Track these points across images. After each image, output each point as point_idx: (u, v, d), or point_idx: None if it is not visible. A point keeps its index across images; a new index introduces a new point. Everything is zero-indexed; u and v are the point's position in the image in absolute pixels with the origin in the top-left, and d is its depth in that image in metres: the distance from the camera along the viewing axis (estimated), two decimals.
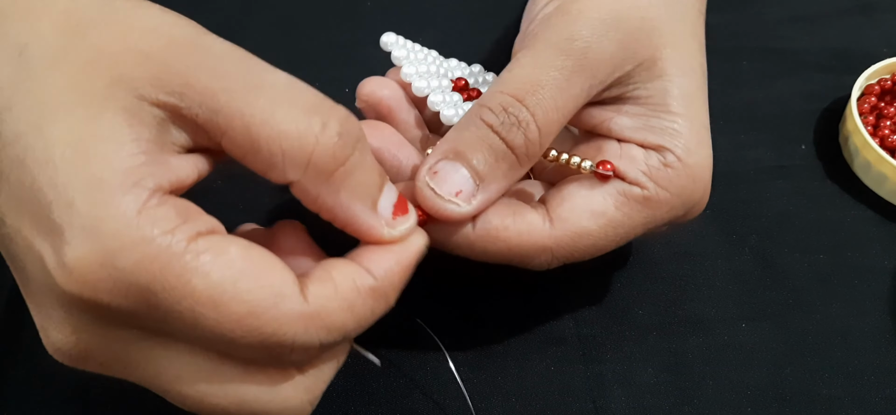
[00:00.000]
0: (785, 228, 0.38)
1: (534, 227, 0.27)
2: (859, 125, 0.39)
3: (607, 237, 0.28)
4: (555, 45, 0.27)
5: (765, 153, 0.41)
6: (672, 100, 0.28)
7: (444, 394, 0.32)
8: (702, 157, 0.28)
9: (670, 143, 0.27)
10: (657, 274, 0.36)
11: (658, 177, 0.27)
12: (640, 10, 0.28)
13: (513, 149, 0.26)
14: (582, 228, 0.27)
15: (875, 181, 0.39)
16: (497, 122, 0.26)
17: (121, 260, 0.19)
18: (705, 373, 0.33)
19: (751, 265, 0.36)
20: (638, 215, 0.28)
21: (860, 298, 0.35)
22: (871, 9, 0.49)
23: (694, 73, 0.29)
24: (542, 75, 0.27)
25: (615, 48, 0.27)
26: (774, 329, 0.34)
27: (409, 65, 0.30)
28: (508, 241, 0.27)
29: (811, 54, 0.46)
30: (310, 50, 0.45)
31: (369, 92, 0.30)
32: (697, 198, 0.29)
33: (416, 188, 0.26)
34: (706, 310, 0.35)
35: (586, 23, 0.27)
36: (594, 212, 0.27)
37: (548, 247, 0.27)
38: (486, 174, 0.26)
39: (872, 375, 0.33)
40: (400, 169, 0.29)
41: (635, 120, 0.28)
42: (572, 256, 0.28)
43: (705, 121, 0.29)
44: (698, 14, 0.30)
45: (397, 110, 0.30)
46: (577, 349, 0.34)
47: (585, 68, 0.27)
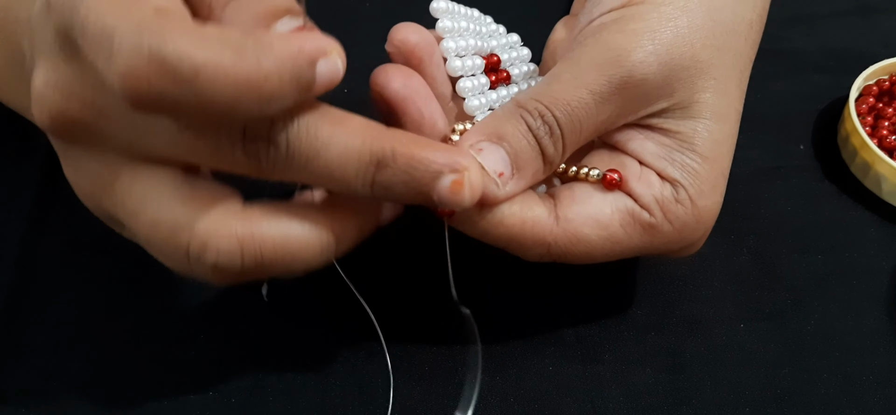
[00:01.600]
0: (783, 228, 0.38)
1: (539, 219, 0.27)
2: (858, 126, 0.39)
3: (603, 250, 0.28)
4: (599, 64, 0.27)
5: (763, 154, 0.41)
6: (699, 140, 0.28)
7: (442, 393, 0.32)
8: (712, 202, 0.28)
9: (686, 180, 0.28)
10: (655, 274, 0.36)
11: (667, 209, 0.28)
12: (694, 50, 0.28)
13: (543, 153, 0.27)
14: (582, 234, 0.28)
15: (873, 182, 0.39)
16: (534, 125, 0.27)
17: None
18: (703, 373, 0.33)
19: (749, 266, 0.36)
20: (638, 238, 0.28)
21: (858, 299, 0.35)
22: (869, 10, 0.49)
23: (728, 120, 0.29)
24: (578, 96, 0.27)
25: (658, 83, 0.27)
26: (772, 330, 0.34)
27: (450, 40, 0.30)
28: (511, 228, 0.27)
29: (809, 55, 0.46)
30: None
31: (402, 39, 0.29)
32: (696, 239, 0.29)
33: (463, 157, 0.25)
34: (704, 310, 0.35)
35: (638, 49, 0.27)
36: (599, 222, 0.28)
37: (546, 242, 0.28)
38: (522, 167, 0.27)
39: (870, 376, 0.33)
40: (421, 123, 0.27)
41: (660, 149, 0.28)
42: (565, 257, 0.28)
43: (726, 169, 0.29)
44: (748, 63, 0.30)
45: (428, 63, 0.29)
46: (575, 349, 0.34)
47: (621, 97, 0.27)
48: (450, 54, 0.30)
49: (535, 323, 0.34)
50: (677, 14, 0.28)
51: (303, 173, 0.23)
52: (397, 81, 0.27)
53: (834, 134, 0.42)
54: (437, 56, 0.29)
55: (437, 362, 0.33)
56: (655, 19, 0.27)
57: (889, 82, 0.42)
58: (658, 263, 0.36)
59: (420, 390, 0.32)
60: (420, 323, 0.34)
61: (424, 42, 0.29)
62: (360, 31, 0.46)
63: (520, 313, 0.35)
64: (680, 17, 0.28)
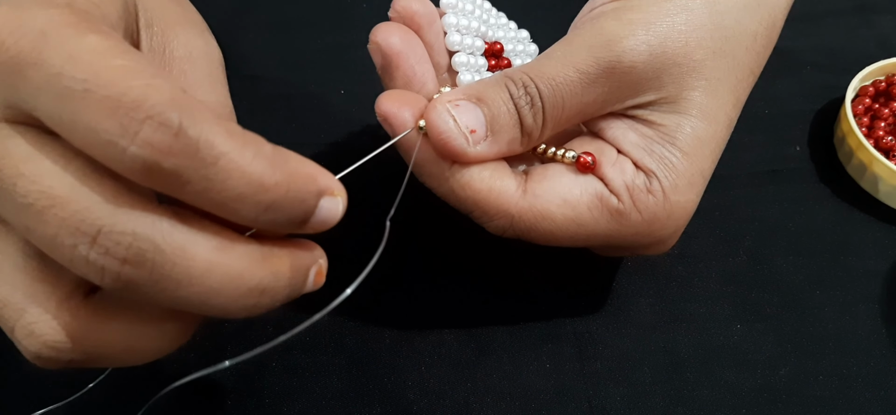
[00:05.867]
0: (779, 229, 0.38)
1: (505, 190, 0.27)
2: (854, 127, 0.39)
3: (567, 231, 0.28)
4: (589, 47, 0.27)
5: (759, 155, 0.41)
6: (681, 135, 0.28)
7: (441, 393, 0.32)
8: (686, 199, 0.28)
9: (661, 172, 0.28)
10: (653, 274, 0.36)
11: (637, 197, 0.27)
12: (688, 48, 0.27)
13: (521, 122, 0.27)
14: (547, 210, 0.27)
15: (870, 183, 0.39)
16: (516, 94, 0.27)
17: (34, 12, 0.19)
18: (700, 373, 0.33)
19: (745, 267, 0.37)
20: (604, 224, 0.28)
21: (854, 300, 0.35)
22: (866, 10, 0.49)
23: (715, 123, 0.28)
24: (564, 73, 0.27)
25: (647, 73, 0.27)
26: (768, 330, 0.34)
27: (453, 15, 0.30)
28: (477, 192, 0.27)
29: (806, 55, 0.46)
30: (305, 52, 0.46)
31: (404, 5, 0.29)
32: (666, 235, 0.29)
33: (435, 110, 0.26)
34: (701, 310, 0.35)
35: (630, 36, 0.27)
36: (566, 201, 0.27)
37: (510, 214, 0.28)
38: (497, 131, 0.27)
39: (865, 376, 0.33)
40: (411, 81, 0.28)
41: (641, 139, 0.28)
42: (529, 233, 0.28)
43: (706, 170, 0.29)
44: (749, 73, 0.30)
45: (428, 29, 0.30)
46: (572, 347, 0.34)
47: (608, 81, 0.27)
48: (450, 28, 0.30)
49: (532, 321, 0.34)
50: (676, 11, 0.28)
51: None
52: (396, 36, 0.28)
53: (830, 135, 0.42)
54: (437, 27, 0.30)
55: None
56: (654, 12, 0.27)
57: (885, 83, 0.42)
58: (655, 263, 0.36)
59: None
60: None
61: (425, 10, 0.30)
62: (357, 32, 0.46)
63: (517, 309, 0.35)
64: (679, 13, 0.28)
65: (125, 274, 0.20)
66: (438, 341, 0.34)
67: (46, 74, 0.19)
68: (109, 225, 0.19)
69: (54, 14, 0.20)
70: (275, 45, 0.46)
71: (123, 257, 0.19)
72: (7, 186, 0.20)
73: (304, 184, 0.21)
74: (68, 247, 0.19)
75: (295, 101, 0.43)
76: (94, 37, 0.19)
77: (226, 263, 0.20)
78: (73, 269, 0.20)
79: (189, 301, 0.20)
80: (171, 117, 0.19)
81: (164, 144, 0.19)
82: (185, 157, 0.19)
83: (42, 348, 0.21)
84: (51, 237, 0.20)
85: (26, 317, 0.21)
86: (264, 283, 0.21)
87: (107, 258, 0.19)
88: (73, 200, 0.19)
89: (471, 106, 0.27)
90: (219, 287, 0.20)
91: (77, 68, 0.19)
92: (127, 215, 0.19)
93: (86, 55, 0.19)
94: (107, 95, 0.18)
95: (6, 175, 0.20)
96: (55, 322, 0.21)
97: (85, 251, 0.19)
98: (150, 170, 0.19)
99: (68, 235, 0.19)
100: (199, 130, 0.19)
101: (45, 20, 0.19)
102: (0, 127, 0.20)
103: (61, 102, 0.19)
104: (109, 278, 0.20)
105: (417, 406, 0.32)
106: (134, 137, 0.18)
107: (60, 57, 0.19)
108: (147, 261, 0.20)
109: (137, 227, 0.19)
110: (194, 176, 0.19)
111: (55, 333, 0.21)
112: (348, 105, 0.43)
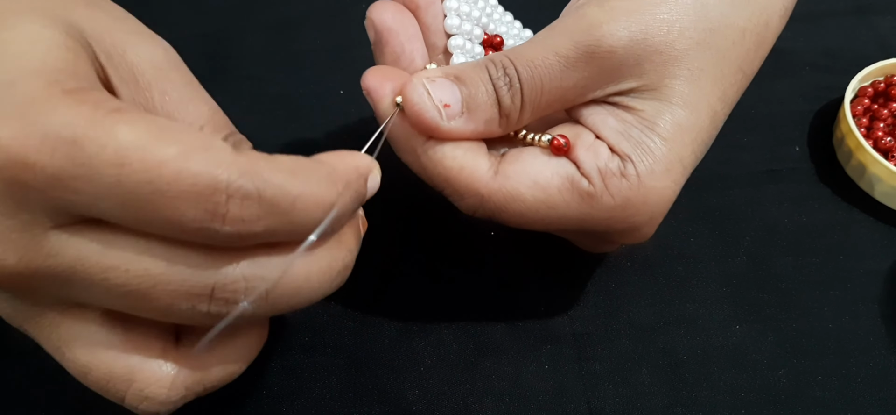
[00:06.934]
0: (778, 230, 0.38)
1: (477, 169, 0.28)
2: (853, 127, 0.39)
3: (538, 213, 0.28)
4: (570, 32, 0.27)
5: (758, 155, 0.41)
6: (661, 122, 0.27)
7: (440, 393, 0.32)
8: (662, 185, 0.28)
9: (637, 156, 0.27)
10: (651, 274, 0.36)
11: (609, 181, 0.27)
12: (670, 36, 0.27)
13: (499, 103, 0.27)
14: (517, 191, 0.27)
15: (868, 184, 0.39)
16: (495, 74, 0.27)
17: (48, 118, 0.19)
18: (699, 374, 0.33)
19: (744, 267, 0.37)
20: (575, 206, 0.28)
21: (853, 301, 0.35)
22: (865, 10, 0.49)
23: (697, 112, 0.28)
24: (543, 56, 0.27)
25: (627, 59, 0.27)
26: (768, 331, 0.34)
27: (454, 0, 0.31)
28: (448, 171, 0.27)
29: (805, 55, 0.46)
30: (306, 53, 0.46)
31: None
32: (641, 222, 0.28)
33: (410, 84, 0.27)
34: (700, 311, 0.35)
35: (611, 22, 0.27)
36: (536, 183, 0.27)
37: (480, 193, 0.28)
38: (473, 110, 0.27)
39: (865, 377, 0.33)
40: (399, 58, 0.30)
41: (620, 124, 0.28)
42: (500, 214, 0.28)
43: (685, 158, 0.28)
44: (736, 69, 0.29)
45: (426, 10, 0.31)
46: (571, 348, 0.34)
47: (588, 66, 0.27)
48: (450, 12, 0.31)
49: (532, 322, 0.34)
50: (660, 0, 0.28)
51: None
52: (389, 13, 0.29)
53: (829, 135, 0.42)
54: (436, 9, 0.31)
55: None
56: (637, 1, 0.28)
57: (884, 84, 0.42)
58: (654, 263, 0.36)
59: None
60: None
61: None
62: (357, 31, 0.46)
63: (516, 310, 0.35)
64: (662, 3, 0.28)
65: (244, 311, 0.21)
66: (437, 341, 0.34)
67: (103, 186, 0.19)
68: (221, 282, 0.21)
69: (69, 113, 0.19)
70: (275, 45, 0.46)
71: (243, 293, 0.21)
72: (97, 283, 0.20)
73: (357, 182, 0.23)
74: (186, 309, 0.21)
75: (295, 101, 0.43)
76: (125, 127, 0.19)
77: (318, 264, 0.23)
78: (193, 321, 0.22)
79: (296, 305, 0.22)
80: (249, 187, 0.20)
81: (253, 214, 0.20)
82: (271, 216, 0.20)
83: (159, 407, 0.22)
84: (165, 307, 0.21)
85: (135, 387, 0.22)
86: (345, 261, 0.24)
87: (228, 305, 0.21)
88: (177, 275, 0.20)
89: (448, 83, 0.27)
90: (318, 285, 0.23)
91: (136, 173, 0.19)
92: (233, 265, 0.21)
93: (135, 155, 0.19)
94: (181, 190, 0.19)
95: (93, 275, 0.20)
96: (162, 381, 0.22)
97: (205, 307, 0.21)
98: (243, 238, 0.20)
99: (183, 301, 0.21)
100: (274, 188, 0.20)
101: (66, 124, 0.19)
102: (63, 234, 0.20)
103: (131, 207, 0.19)
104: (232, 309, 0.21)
105: (416, 407, 0.32)
106: (224, 218, 0.19)
107: (111, 166, 0.19)
108: (262, 292, 0.21)
109: (245, 271, 0.21)
110: (280, 226, 0.21)
111: (166, 391, 0.22)
112: (348, 105, 0.43)
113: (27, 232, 0.20)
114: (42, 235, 0.20)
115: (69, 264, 0.20)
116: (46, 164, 0.19)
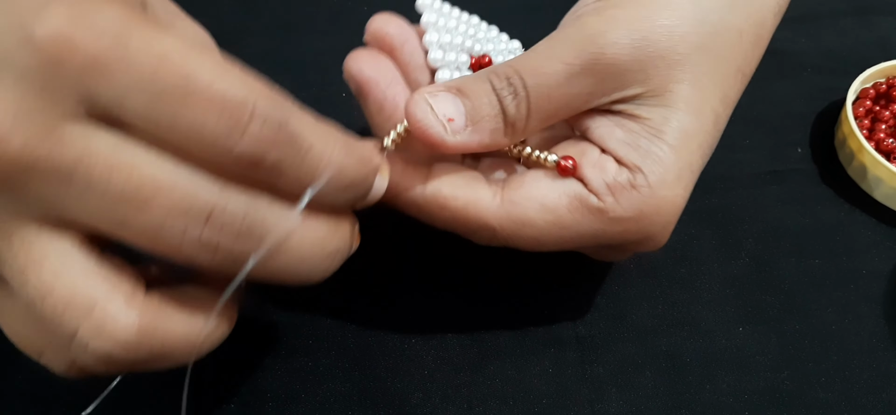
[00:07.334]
0: (781, 231, 0.38)
1: (481, 201, 0.28)
2: (855, 129, 0.39)
3: (550, 235, 0.28)
4: (573, 41, 0.27)
5: (760, 156, 0.41)
6: (668, 129, 0.27)
7: (444, 396, 0.32)
8: (675, 194, 0.28)
9: (647, 167, 0.27)
10: (654, 276, 0.36)
11: (620, 194, 0.27)
12: (672, 42, 0.27)
13: (504, 113, 0.27)
14: (527, 217, 0.27)
15: (870, 185, 0.39)
16: (499, 85, 0.27)
17: (101, 10, 0.19)
18: (703, 376, 0.33)
19: (747, 269, 0.37)
20: (587, 224, 0.27)
21: (856, 302, 0.36)
22: (866, 11, 0.49)
23: (703, 117, 0.28)
24: (548, 65, 0.27)
25: (631, 66, 0.27)
26: (771, 333, 0.34)
27: (434, 32, 0.30)
28: (455, 211, 0.28)
29: (807, 57, 0.46)
30: (308, 55, 0.46)
31: (376, 27, 0.30)
32: (655, 231, 0.28)
33: (413, 100, 0.27)
34: (703, 313, 0.35)
35: (612, 31, 0.27)
36: (545, 206, 0.27)
37: (490, 225, 0.28)
38: (477, 121, 0.27)
39: (869, 378, 0.33)
40: (382, 106, 0.29)
41: (627, 135, 0.28)
42: (514, 241, 0.28)
43: (694, 164, 0.28)
44: (736, 71, 0.29)
45: (401, 49, 0.30)
46: (575, 351, 0.34)
47: (592, 75, 0.27)
48: (432, 46, 0.30)
49: (535, 325, 0.34)
50: (659, 7, 0.28)
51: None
52: (365, 63, 0.29)
53: (831, 137, 0.42)
54: (411, 45, 0.30)
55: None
56: (636, 8, 0.28)
57: (886, 85, 0.42)
58: (657, 266, 0.36)
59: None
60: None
61: (398, 31, 0.30)
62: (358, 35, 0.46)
63: (519, 313, 0.35)
64: (662, 9, 0.28)
65: (237, 248, 0.21)
66: (441, 344, 0.34)
67: (138, 77, 0.19)
68: (222, 205, 0.20)
69: (123, 13, 0.19)
70: (277, 48, 0.46)
71: (238, 232, 0.21)
72: (96, 184, 0.20)
73: (368, 165, 0.23)
74: (177, 231, 0.20)
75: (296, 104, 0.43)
76: (172, 37, 0.20)
77: (313, 233, 0.22)
78: (179, 251, 0.20)
79: (280, 270, 0.22)
80: (274, 114, 0.20)
81: (270, 139, 0.20)
82: (287, 147, 0.21)
83: (114, 346, 0.21)
84: (156, 225, 0.20)
85: (95, 315, 0.21)
86: (338, 246, 0.24)
87: (222, 234, 0.20)
88: (180, 186, 0.20)
89: (450, 96, 0.27)
90: (308, 255, 0.22)
91: (172, 70, 0.19)
92: (236, 194, 0.21)
93: (176, 56, 0.19)
94: (212, 96, 0.19)
95: (98, 171, 0.20)
96: (121, 320, 0.21)
97: (197, 232, 0.20)
98: (254, 164, 0.20)
99: (177, 219, 0.20)
100: (295, 124, 0.21)
101: (116, 18, 0.19)
102: (80, 125, 0.19)
103: (159, 103, 0.19)
104: (221, 255, 0.21)
105: (420, 410, 0.32)
106: (242, 134, 0.20)
107: (151, 58, 0.19)
108: (256, 233, 0.21)
109: (247, 205, 0.21)
110: (290, 166, 0.21)
111: (126, 329, 0.21)
112: (349, 108, 0.42)
113: (44, 115, 0.19)
114: (57, 122, 0.19)
115: (76, 157, 0.19)
116: (90, 46, 0.19)
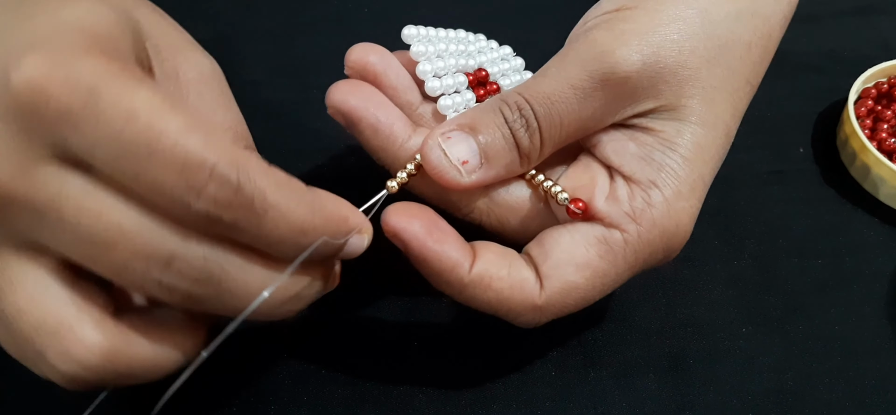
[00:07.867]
0: (783, 232, 0.38)
1: (527, 283, 0.27)
2: (857, 129, 0.39)
3: (595, 288, 0.28)
4: (582, 61, 0.27)
5: (762, 157, 0.41)
6: (682, 141, 0.28)
7: (447, 400, 0.32)
8: (689, 205, 0.28)
9: (662, 179, 0.27)
10: (657, 278, 0.36)
11: (642, 218, 0.27)
12: (682, 56, 0.27)
13: (518, 146, 0.28)
14: (569, 283, 0.27)
15: (873, 185, 0.39)
16: (511, 117, 0.27)
17: (76, 63, 0.20)
18: (706, 378, 0.33)
19: (750, 270, 0.36)
20: (622, 261, 0.27)
21: (859, 302, 0.35)
22: (868, 11, 0.49)
23: (715, 130, 0.28)
24: (558, 90, 0.27)
25: (642, 82, 0.27)
26: (774, 334, 0.34)
27: (426, 63, 0.30)
28: (501, 292, 0.27)
29: (809, 57, 0.46)
30: (306, 57, 0.46)
31: (356, 59, 0.30)
32: (675, 244, 0.28)
33: (427, 146, 0.27)
34: (706, 315, 0.35)
35: (623, 47, 0.27)
36: (578, 265, 0.27)
37: (537, 306, 0.27)
38: (492, 157, 0.27)
39: (872, 378, 0.33)
40: (377, 130, 0.28)
41: (640, 149, 0.28)
42: (562, 312, 0.28)
43: (706, 175, 0.29)
44: (744, 83, 0.29)
45: (384, 75, 0.29)
46: (578, 354, 0.34)
47: (604, 93, 0.27)
48: (426, 76, 0.30)
49: (538, 328, 0.34)
50: (669, 21, 0.28)
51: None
52: (349, 94, 0.28)
53: (833, 137, 0.42)
54: (394, 68, 0.30)
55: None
56: (646, 23, 0.27)
57: (888, 85, 0.42)
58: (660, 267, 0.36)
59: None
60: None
61: (379, 58, 0.29)
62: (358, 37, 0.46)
63: None
64: (671, 23, 0.28)
65: (195, 292, 0.22)
66: (443, 347, 0.34)
67: (106, 132, 0.20)
68: (182, 253, 0.21)
69: (98, 65, 0.20)
70: (276, 51, 0.46)
71: (195, 278, 0.21)
72: (68, 223, 0.21)
73: (337, 226, 0.23)
74: (140, 272, 0.21)
75: (296, 108, 0.43)
76: (144, 92, 0.20)
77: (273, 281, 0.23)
78: (142, 289, 0.22)
79: (240, 310, 0.23)
80: (231, 175, 0.20)
81: (226, 200, 0.20)
82: (242, 210, 0.21)
83: (79, 368, 0.22)
84: (120, 265, 0.21)
85: (61, 337, 0.22)
86: (300, 290, 0.24)
87: (180, 279, 0.21)
88: (144, 234, 0.21)
89: (463, 136, 0.27)
90: (270, 302, 0.23)
91: (139, 128, 0.20)
92: (196, 244, 0.21)
93: (144, 114, 0.20)
94: (173, 156, 0.20)
95: (68, 213, 0.21)
96: (90, 342, 0.22)
97: (157, 275, 0.21)
98: (211, 221, 0.21)
99: (140, 262, 0.21)
100: (254, 185, 0.21)
101: (92, 73, 0.20)
102: (53, 168, 0.20)
103: (124, 158, 0.20)
104: (179, 296, 0.22)
105: (422, 413, 0.32)
106: (199, 194, 0.20)
107: (119, 115, 0.20)
108: (214, 280, 0.22)
109: (207, 254, 0.21)
110: (248, 225, 0.21)
111: (90, 352, 0.22)
112: None
113: (20, 155, 0.20)
114: (34, 163, 0.20)
115: (49, 198, 0.21)
116: (63, 98, 0.20)
